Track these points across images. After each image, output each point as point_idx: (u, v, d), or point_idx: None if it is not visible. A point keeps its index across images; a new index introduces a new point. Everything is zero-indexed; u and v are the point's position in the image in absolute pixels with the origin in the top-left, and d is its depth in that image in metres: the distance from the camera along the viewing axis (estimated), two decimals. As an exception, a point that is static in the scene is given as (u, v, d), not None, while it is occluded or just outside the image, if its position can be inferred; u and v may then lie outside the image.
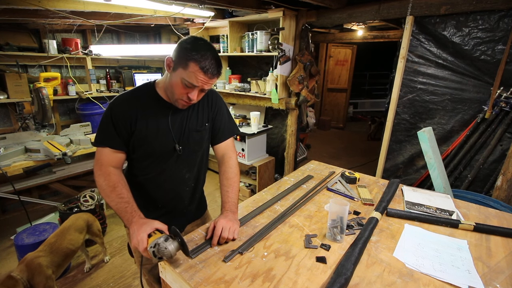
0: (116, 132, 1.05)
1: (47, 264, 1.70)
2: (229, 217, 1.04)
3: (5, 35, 2.71)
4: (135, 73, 3.48)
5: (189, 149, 1.18)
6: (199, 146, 1.22)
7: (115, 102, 1.08)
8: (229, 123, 1.29)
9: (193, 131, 1.16)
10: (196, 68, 0.96)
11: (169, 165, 1.16)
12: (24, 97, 2.65)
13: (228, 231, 0.98)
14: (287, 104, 2.94)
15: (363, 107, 8.18)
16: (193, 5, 2.41)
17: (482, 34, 1.95)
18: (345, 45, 6.20)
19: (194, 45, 0.97)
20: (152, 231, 0.89)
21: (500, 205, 1.72)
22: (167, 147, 1.13)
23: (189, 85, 0.99)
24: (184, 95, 1.03)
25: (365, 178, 1.58)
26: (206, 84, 1.00)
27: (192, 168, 1.23)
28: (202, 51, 0.96)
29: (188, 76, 0.97)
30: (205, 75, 0.97)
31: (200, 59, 0.95)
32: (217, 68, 1.00)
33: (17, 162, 2.33)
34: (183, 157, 1.17)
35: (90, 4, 2.23)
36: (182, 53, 0.97)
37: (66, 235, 1.92)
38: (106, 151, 1.06)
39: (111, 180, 1.03)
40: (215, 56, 0.99)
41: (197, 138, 1.19)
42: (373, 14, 2.35)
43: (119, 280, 2.15)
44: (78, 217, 2.12)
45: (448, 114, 2.20)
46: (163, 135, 1.11)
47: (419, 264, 0.89)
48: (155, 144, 1.10)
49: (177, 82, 1.00)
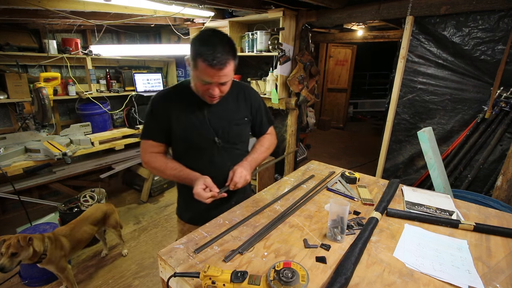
0: (157, 126, 1.17)
1: (65, 245, 1.85)
2: (244, 165, 1.19)
3: (5, 35, 2.71)
4: (135, 73, 3.48)
5: (229, 141, 1.24)
6: (239, 138, 1.28)
7: (155, 98, 1.18)
8: (267, 116, 1.39)
9: (233, 124, 1.23)
10: (204, 64, 0.97)
11: (212, 157, 1.22)
12: (24, 97, 2.65)
13: (239, 175, 1.14)
14: (287, 104, 2.94)
15: (363, 107, 8.18)
16: (193, 5, 2.41)
17: (482, 34, 1.95)
18: (345, 45, 6.21)
19: (200, 40, 0.99)
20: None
21: (500, 205, 1.72)
22: (206, 139, 1.19)
23: (205, 82, 1.03)
24: (206, 91, 1.07)
25: (365, 178, 1.58)
26: (219, 77, 1.01)
27: (235, 160, 1.27)
28: (206, 43, 0.96)
29: (200, 74, 1.00)
30: (213, 69, 0.97)
31: (205, 53, 0.95)
32: (226, 55, 0.98)
33: (17, 162, 2.33)
34: (225, 149, 1.23)
35: (90, 4, 2.22)
36: (192, 51, 1.00)
37: (83, 225, 2.02)
38: (150, 143, 1.19)
39: (160, 160, 1.19)
40: (222, 42, 0.98)
41: (236, 131, 1.25)
42: (373, 14, 2.35)
43: (119, 280, 2.15)
44: (97, 208, 2.20)
45: (448, 114, 2.20)
46: (201, 128, 1.17)
47: (419, 264, 0.89)
48: (193, 136, 1.18)
49: (197, 81, 1.06)
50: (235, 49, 1.03)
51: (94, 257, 2.40)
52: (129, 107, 3.41)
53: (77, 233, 1.96)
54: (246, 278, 0.75)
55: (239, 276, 0.75)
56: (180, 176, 1.16)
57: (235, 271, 0.77)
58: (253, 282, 0.75)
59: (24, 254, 1.59)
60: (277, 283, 0.75)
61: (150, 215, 3.08)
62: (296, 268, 0.79)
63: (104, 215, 2.18)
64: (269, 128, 1.41)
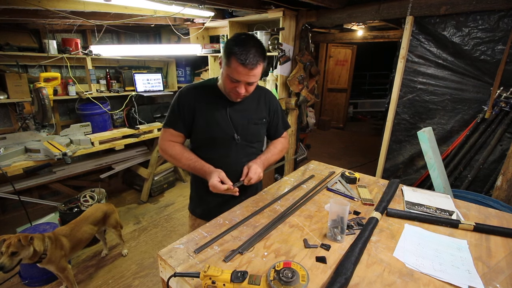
0: (180, 117, 1.24)
1: (66, 245, 1.86)
2: (258, 163, 1.26)
3: (5, 35, 2.71)
4: (135, 73, 3.47)
5: (247, 139, 1.31)
6: (256, 137, 1.35)
7: (184, 90, 1.26)
8: (283, 121, 1.47)
9: (251, 123, 1.30)
10: (236, 63, 1.04)
11: (230, 152, 1.29)
12: (24, 97, 2.65)
13: (254, 171, 1.20)
14: (287, 104, 2.94)
15: (363, 107, 8.18)
16: (193, 5, 2.41)
17: (482, 34, 1.95)
18: (345, 45, 6.21)
19: (235, 41, 1.07)
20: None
21: (500, 205, 1.72)
22: (227, 135, 1.26)
23: (234, 80, 1.10)
24: (233, 89, 1.15)
25: (365, 178, 1.58)
26: (248, 77, 1.08)
27: (250, 157, 1.33)
28: (242, 45, 1.04)
29: (231, 71, 1.08)
30: (245, 68, 1.05)
31: (239, 53, 1.03)
32: (258, 57, 1.06)
33: (17, 162, 2.33)
34: (242, 145, 1.30)
35: (90, 4, 2.22)
36: (226, 51, 1.08)
37: (83, 225, 2.02)
38: (170, 131, 1.26)
39: (177, 149, 1.26)
40: (256, 46, 1.06)
41: (254, 130, 1.32)
42: (373, 14, 2.35)
43: (119, 280, 2.15)
44: (97, 208, 2.20)
45: (448, 114, 2.20)
46: (222, 124, 1.24)
47: (419, 264, 0.89)
48: (215, 131, 1.25)
49: (226, 78, 1.13)
50: (266, 53, 1.11)
51: (94, 257, 2.40)
52: (129, 107, 3.40)
53: (78, 233, 1.96)
54: (246, 278, 0.75)
55: (239, 276, 0.75)
56: (195, 167, 1.22)
57: (235, 271, 0.77)
58: (253, 282, 0.75)
59: (24, 253, 1.59)
60: (277, 283, 0.75)
61: (150, 215, 3.08)
62: (296, 268, 0.79)
63: (104, 215, 2.18)
64: (283, 132, 1.48)
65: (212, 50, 3.41)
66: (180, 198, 3.46)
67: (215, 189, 1.13)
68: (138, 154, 3.50)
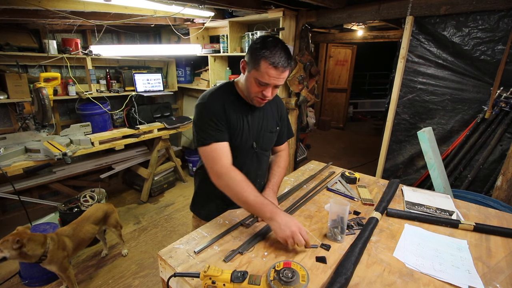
0: (219, 126, 1.09)
1: (68, 245, 1.85)
2: (271, 195, 1.19)
3: (5, 35, 2.71)
4: (135, 73, 3.47)
5: (263, 147, 1.27)
6: (269, 145, 1.32)
7: (208, 98, 1.12)
8: (288, 127, 1.43)
9: (267, 131, 1.26)
10: (267, 65, 1.01)
11: (247, 161, 1.24)
12: (24, 97, 2.65)
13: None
14: (287, 104, 2.94)
15: (363, 107, 8.18)
16: (193, 5, 2.41)
17: (482, 34, 1.95)
18: (345, 45, 6.20)
19: (263, 44, 1.03)
20: None
21: (500, 205, 1.72)
22: (247, 143, 1.21)
23: (263, 83, 1.05)
24: (259, 93, 1.09)
25: (365, 178, 1.58)
26: (278, 80, 1.05)
27: (263, 166, 1.33)
28: (271, 47, 1.01)
29: (261, 75, 1.03)
30: (276, 70, 1.02)
31: (269, 55, 1.00)
32: (287, 60, 1.04)
33: (17, 162, 2.32)
34: (258, 154, 1.27)
35: (90, 4, 2.22)
36: (253, 53, 1.04)
37: (84, 225, 2.02)
38: (217, 146, 1.07)
39: (238, 175, 1.05)
40: (284, 48, 1.04)
41: (269, 138, 1.29)
42: (373, 14, 2.35)
43: (119, 280, 2.15)
44: (98, 207, 2.20)
45: (448, 114, 2.20)
46: (244, 132, 1.18)
47: (419, 264, 0.89)
48: (238, 139, 1.17)
49: (252, 82, 1.07)
50: (291, 57, 1.08)
51: (94, 257, 2.40)
52: (129, 107, 3.40)
53: (80, 233, 1.96)
54: (246, 278, 0.75)
55: (239, 276, 0.75)
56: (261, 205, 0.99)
57: (235, 271, 0.77)
58: (253, 282, 0.75)
59: (7, 253, 1.59)
60: (277, 283, 0.75)
61: (150, 215, 3.08)
62: (296, 268, 0.79)
63: (105, 215, 2.19)
64: (285, 142, 1.43)
65: (212, 50, 3.41)
66: (180, 198, 3.46)
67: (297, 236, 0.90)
68: (138, 154, 3.49)
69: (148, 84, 3.59)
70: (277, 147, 1.41)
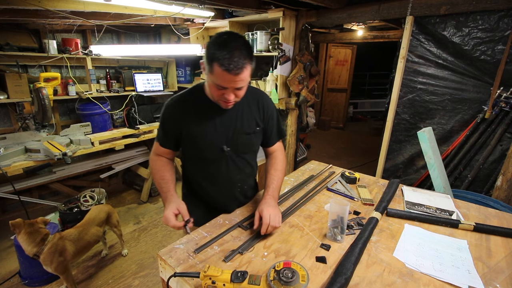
0: (164, 133, 1.18)
1: (69, 250, 1.81)
2: (271, 203, 1.08)
3: (5, 35, 2.71)
4: (135, 73, 3.47)
5: (238, 150, 1.19)
6: (248, 148, 1.22)
7: (166, 104, 1.17)
8: (278, 127, 1.30)
9: (242, 133, 1.17)
10: (220, 69, 0.92)
11: (220, 166, 1.19)
12: (24, 97, 2.65)
13: (275, 219, 1.01)
14: (287, 104, 2.94)
15: (363, 107, 8.18)
16: (193, 5, 2.41)
17: (482, 34, 1.95)
18: (345, 45, 6.20)
19: (216, 43, 0.94)
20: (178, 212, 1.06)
21: (500, 205, 1.72)
22: (216, 147, 1.15)
23: (220, 87, 0.99)
24: (221, 96, 1.02)
25: (365, 178, 1.58)
26: (236, 83, 0.97)
27: (245, 169, 1.25)
28: (222, 48, 0.92)
29: (216, 79, 0.96)
30: (230, 74, 0.92)
31: (221, 57, 0.91)
32: (244, 59, 0.93)
33: (17, 162, 2.32)
34: (233, 158, 1.19)
35: (90, 4, 2.22)
36: (208, 55, 0.96)
37: (90, 228, 2.00)
38: (157, 145, 1.22)
39: (158, 164, 1.21)
40: (238, 46, 0.93)
41: (246, 141, 1.19)
42: (373, 14, 2.35)
43: (119, 280, 2.15)
44: (100, 209, 2.18)
45: (448, 114, 2.20)
46: (211, 136, 1.13)
47: (419, 264, 0.89)
48: (203, 144, 1.15)
49: (211, 85, 1.01)
50: (252, 53, 0.99)
51: (94, 257, 2.40)
52: (129, 107, 3.40)
53: (86, 236, 1.94)
54: (246, 278, 0.75)
55: (239, 276, 0.75)
56: (161, 188, 1.17)
57: (235, 271, 0.77)
58: (253, 282, 0.75)
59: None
60: (277, 283, 0.75)
61: (150, 215, 3.08)
62: (296, 268, 0.79)
63: (107, 215, 2.19)
64: (277, 142, 1.32)
65: (212, 50, 3.40)
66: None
67: (167, 222, 1.06)
68: (138, 154, 3.49)
69: (148, 84, 3.59)
70: (269, 149, 1.31)
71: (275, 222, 1.01)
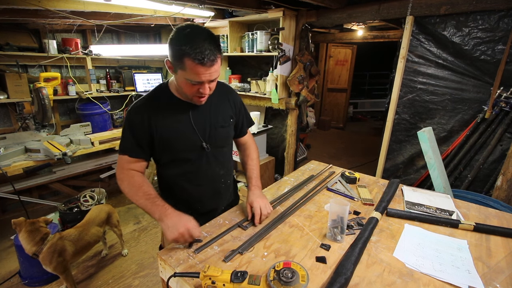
0: (134, 140, 1.06)
1: (68, 250, 1.80)
2: (258, 193, 1.17)
3: (5, 35, 2.71)
4: (135, 73, 3.47)
5: (217, 145, 1.17)
6: (226, 141, 1.23)
7: (131, 110, 1.08)
8: (247, 117, 1.34)
9: (218, 127, 1.15)
10: (193, 64, 0.90)
11: (201, 164, 1.15)
12: (24, 97, 2.65)
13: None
14: (287, 104, 2.94)
15: (363, 107, 8.18)
16: (193, 5, 2.41)
17: (482, 34, 1.95)
18: (345, 45, 6.20)
19: (181, 39, 0.91)
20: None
21: (500, 205, 1.71)
22: (194, 146, 1.11)
23: (195, 83, 0.96)
24: (196, 92, 1.00)
25: (365, 178, 1.58)
26: (211, 75, 0.95)
27: (226, 164, 1.25)
28: (190, 41, 0.89)
29: (189, 74, 0.93)
30: (204, 66, 0.91)
31: (191, 51, 0.88)
32: (214, 50, 0.92)
33: (17, 162, 2.32)
34: (213, 154, 1.16)
35: (90, 4, 2.22)
36: (174, 52, 0.93)
37: (90, 228, 2.00)
38: (126, 158, 1.07)
39: (135, 181, 1.06)
40: (206, 37, 0.91)
41: (223, 134, 1.19)
42: (373, 14, 2.35)
43: (119, 280, 2.15)
44: (100, 209, 2.18)
45: (448, 114, 2.20)
46: (187, 135, 1.09)
47: (419, 264, 0.89)
48: (179, 144, 1.09)
49: (184, 82, 0.98)
50: (219, 42, 0.96)
51: (94, 257, 2.40)
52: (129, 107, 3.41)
53: (86, 236, 1.94)
54: (246, 278, 0.75)
55: (239, 276, 0.75)
56: (153, 204, 1.00)
57: (235, 271, 0.77)
58: (253, 282, 0.75)
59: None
60: (277, 283, 0.75)
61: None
62: (296, 268, 0.79)
63: (107, 215, 2.19)
64: (247, 130, 1.35)
65: (212, 50, 3.40)
66: (180, 198, 3.45)
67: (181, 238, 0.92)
68: (138, 154, 3.49)
69: (148, 84, 3.59)
70: (239, 139, 1.33)
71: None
